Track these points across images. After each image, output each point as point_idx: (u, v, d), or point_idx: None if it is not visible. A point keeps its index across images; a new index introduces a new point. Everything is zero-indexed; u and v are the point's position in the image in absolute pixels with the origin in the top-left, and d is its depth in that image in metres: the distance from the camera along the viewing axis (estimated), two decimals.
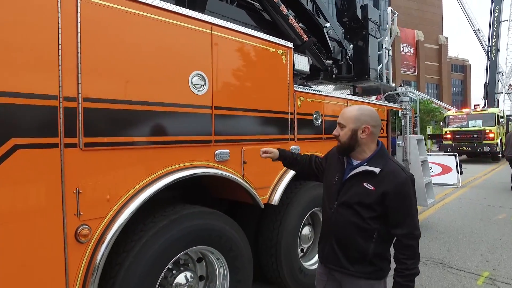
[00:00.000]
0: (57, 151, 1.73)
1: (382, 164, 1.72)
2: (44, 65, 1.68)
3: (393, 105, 5.22)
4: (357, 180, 1.74)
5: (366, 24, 4.64)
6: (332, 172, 1.89)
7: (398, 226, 1.67)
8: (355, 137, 1.75)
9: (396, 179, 1.67)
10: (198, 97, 2.37)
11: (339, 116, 1.84)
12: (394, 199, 1.65)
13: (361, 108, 1.82)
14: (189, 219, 2.30)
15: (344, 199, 1.76)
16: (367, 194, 1.69)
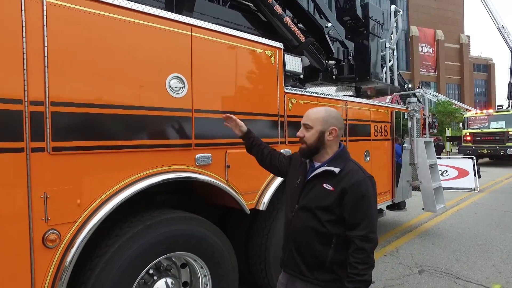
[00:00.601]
0: (23, 155, 1.72)
1: (342, 164, 1.70)
2: (7, 68, 1.68)
3: (397, 106, 5.03)
4: (318, 181, 1.72)
5: (367, 23, 4.50)
6: (295, 175, 1.87)
7: (354, 227, 1.61)
8: (322, 139, 1.73)
9: (354, 178, 1.64)
10: (176, 100, 2.32)
11: (304, 116, 1.80)
12: (351, 198, 1.61)
13: (327, 109, 1.80)
14: (166, 224, 2.25)
15: (304, 202, 1.74)
16: (326, 195, 1.66)
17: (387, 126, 4.71)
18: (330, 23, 4.76)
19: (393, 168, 4.85)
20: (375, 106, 4.48)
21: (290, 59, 3.42)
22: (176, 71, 2.33)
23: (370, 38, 4.50)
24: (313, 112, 1.79)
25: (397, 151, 5.00)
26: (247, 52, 2.83)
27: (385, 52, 5.13)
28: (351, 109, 4.00)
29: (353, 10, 4.42)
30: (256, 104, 2.91)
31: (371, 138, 4.36)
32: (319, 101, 3.55)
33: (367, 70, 4.55)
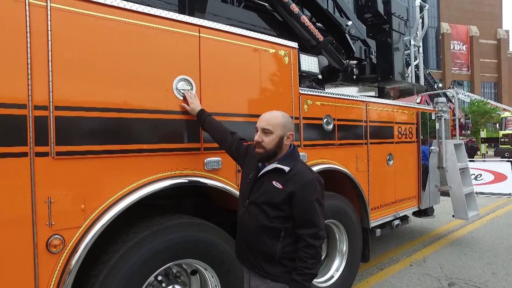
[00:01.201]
0: (27, 160, 1.72)
1: (292, 164, 1.76)
2: (12, 73, 1.68)
3: (424, 107, 4.75)
4: (267, 178, 1.78)
5: (389, 20, 4.28)
6: (248, 170, 1.93)
7: (303, 226, 1.69)
8: (281, 144, 1.78)
9: (303, 179, 1.70)
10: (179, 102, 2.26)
11: (262, 121, 1.82)
12: (300, 199, 1.68)
13: (284, 114, 1.85)
14: (173, 230, 2.19)
15: (254, 197, 1.80)
16: (275, 193, 1.72)
17: (412, 128, 4.45)
18: (350, 21, 4.58)
19: (419, 172, 4.57)
20: (399, 106, 4.24)
21: (305, 59, 3.29)
22: (183, 73, 2.27)
23: (393, 36, 4.27)
24: (273, 117, 1.82)
25: (425, 153, 4.72)
26: (259, 52, 2.74)
27: (410, 50, 4.85)
28: (372, 110, 3.81)
29: (375, 7, 4.22)
30: (269, 106, 2.79)
31: (395, 140, 4.12)
32: (337, 102, 3.40)
33: (390, 69, 4.32)
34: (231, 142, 2.17)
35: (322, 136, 3.25)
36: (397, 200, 4.17)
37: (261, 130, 1.79)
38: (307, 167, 1.83)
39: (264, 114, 1.86)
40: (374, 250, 4.86)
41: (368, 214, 3.65)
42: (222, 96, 2.49)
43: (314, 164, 3.14)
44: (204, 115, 2.23)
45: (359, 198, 3.61)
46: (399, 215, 4.20)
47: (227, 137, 2.19)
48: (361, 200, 3.61)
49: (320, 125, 3.24)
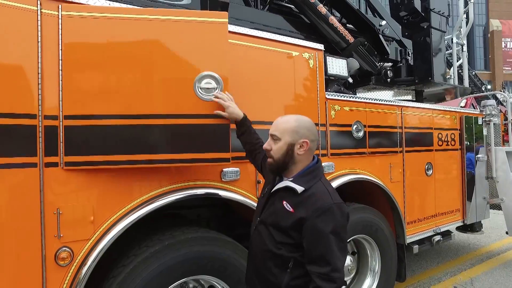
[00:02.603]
0: (36, 170, 1.70)
1: (308, 183, 1.46)
2: (24, 83, 1.67)
3: (468, 111, 4.31)
4: (279, 196, 1.51)
5: (428, 17, 3.94)
6: (266, 184, 1.72)
7: (313, 261, 1.36)
8: (291, 153, 1.50)
9: (317, 204, 1.38)
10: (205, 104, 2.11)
11: (272, 126, 1.57)
12: (310, 228, 1.36)
13: (299, 119, 1.56)
14: (187, 245, 2.08)
15: (264, 216, 1.55)
16: (285, 215, 1.44)
17: (455, 134, 4.04)
18: (384, 21, 4.29)
19: (464, 183, 4.13)
20: (439, 111, 3.86)
21: (333, 61, 3.09)
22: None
23: (432, 34, 3.92)
24: (282, 121, 1.55)
25: (471, 161, 4.26)
26: (281, 55, 2.59)
27: (453, 49, 4.45)
28: (408, 115, 3.49)
29: (411, 4, 3.90)
30: (292, 112, 2.62)
31: (434, 148, 3.75)
32: (368, 107, 3.14)
33: (429, 70, 3.96)
34: (260, 157, 1.92)
35: (351, 144, 3.01)
36: (437, 214, 3.78)
37: (270, 136, 1.56)
38: (330, 188, 1.50)
39: (277, 119, 1.60)
40: (412, 267, 4.46)
41: (403, 229, 3.33)
42: (244, 103, 2.35)
43: (343, 175, 2.91)
44: (248, 123, 1.99)
45: (394, 211, 3.30)
46: (440, 230, 3.80)
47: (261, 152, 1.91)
48: (396, 214, 3.30)
49: (349, 132, 3.00)
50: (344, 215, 1.42)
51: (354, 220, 2.94)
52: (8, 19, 1.64)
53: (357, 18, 4.13)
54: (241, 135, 2.03)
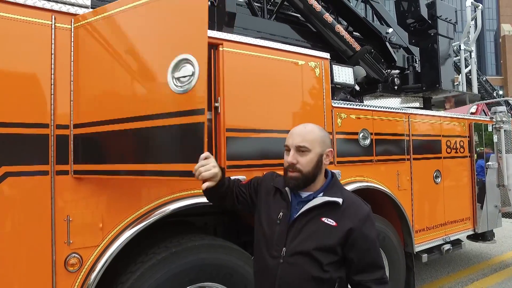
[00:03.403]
0: (47, 178, 1.75)
1: (341, 194, 1.42)
2: (37, 94, 1.73)
3: (478, 117, 4.27)
4: (313, 216, 1.37)
5: (434, 24, 3.94)
6: (272, 209, 1.47)
7: (366, 270, 1.34)
8: (320, 164, 1.42)
9: (360, 212, 1.38)
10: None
11: (296, 136, 1.42)
12: (359, 237, 1.33)
13: (320, 127, 1.49)
14: (194, 252, 2.10)
15: (296, 243, 1.36)
16: (329, 232, 1.34)
17: (464, 141, 4.00)
18: (391, 28, 4.30)
19: (474, 191, 4.07)
20: (447, 118, 3.83)
21: (339, 70, 3.11)
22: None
23: (439, 41, 3.92)
24: (308, 131, 1.44)
25: (482, 168, 4.20)
26: (287, 64, 2.62)
27: (461, 55, 4.43)
28: (415, 122, 3.48)
29: (417, 11, 3.92)
30: (298, 120, 2.65)
31: (443, 155, 3.72)
32: (374, 115, 3.14)
33: (436, 77, 3.95)
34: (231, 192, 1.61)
35: (358, 152, 3.01)
36: (447, 222, 3.73)
37: (296, 148, 1.40)
38: (356, 195, 1.49)
39: (296, 128, 1.48)
40: (422, 276, 4.39)
41: (412, 238, 3.29)
42: (248, 111, 2.40)
43: (349, 182, 2.91)
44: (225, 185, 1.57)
45: (401, 219, 3.27)
46: (450, 239, 3.75)
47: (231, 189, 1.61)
48: (404, 222, 3.27)
49: (356, 140, 3.01)
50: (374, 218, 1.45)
51: None
52: (26, 33, 1.71)
53: (364, 26, 4.15)
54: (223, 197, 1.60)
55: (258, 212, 1.55)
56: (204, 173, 1.40)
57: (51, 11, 1.79)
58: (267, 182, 1.59)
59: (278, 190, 1.50)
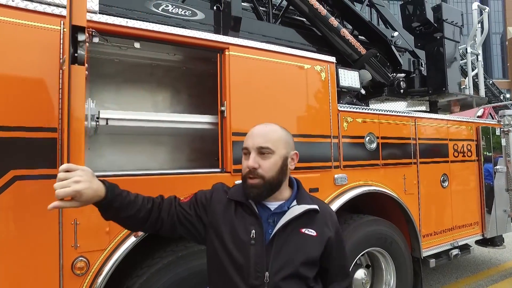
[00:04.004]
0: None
1: (311, 200, 1.30)
2: (45, 98, 1.75)
3: (485, 121, 4.23)
4: (293, 229, 1.21)
5: (440, 27, 3.93)
6: (238, 228, 1.22)
7: (337, 278, 1.30)
8: (285, 169, 1.25)
9: (334, 218, 1.33)
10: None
11: (256, 137, 1.25)
12: (335, 244, 1.28)
13: (281, 127, 1.32)
14: (199, 256, 2.09)
15: (282, 263, 1.17)
16: (312, 244, 1.22)
17: (471, 145, 3.96)
18: (396, 32, 4.29)
19: (482, 196, 4.02)
20: (454, 121, 3.80)
21: (345, 73, 3.11)
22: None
23: (445, 44, 3.90)
24: (270, 130, 1.27)
25: (490, 172, 4.15)
26: (293, 68, 2.62)
27: (467, 58, 4.40)
28: (422, 126, 3.45)
29: (423, 15, 3.91)
30: (305, 124, 2.65)
31: (450, 159, 3.68)
32: (381, 119, 3.13)
33: (443, 81, 3.93)
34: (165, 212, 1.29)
35: (364, 155, 3.00)
36: (454, 227, 3.69)
37: (257, 150, 1.21)
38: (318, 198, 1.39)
39: (256, 128, 1.29)
40: (429, 282, 4.33)
41: (419, 242, 3.26)
42: (254, 115, 2.40)
43: (355, 187, 2.89)
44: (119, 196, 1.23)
45: (408, 223, 3.24)
46: (458, 244, 3.69)
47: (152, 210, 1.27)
48: (411, 226, 3.24)
49: (362, 144, 2.99)
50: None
51: (367, 233, 2.90)
52: (36, 39, 1.74)
53: (369, 30, 4.13)
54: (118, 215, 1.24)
55: (215, 235, 1.25)
56: (59, 191, 1.08)
57: (60, 16, 1.82)
58: (220, 196, 1.32)
59: (239, 204, 1.26)
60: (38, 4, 1.78)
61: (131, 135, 2.66)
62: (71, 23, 1.44)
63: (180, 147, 2.86)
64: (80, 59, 1.49)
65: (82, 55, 1.50)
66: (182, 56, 2.71)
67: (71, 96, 1.42)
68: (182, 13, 2.97)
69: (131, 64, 2.74)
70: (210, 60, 2.46)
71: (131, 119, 2.20)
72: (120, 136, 2.61)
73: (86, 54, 1.55)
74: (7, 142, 1.65)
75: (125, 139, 2.65)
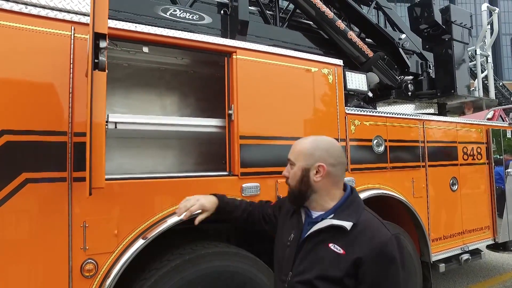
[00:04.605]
0: (65, 185, 1.78)
1: (355, 216, 1.22)
2: (55, 102, 1.78)
3: (495, 123, 4.17)
4: (322, 240, 1.23)
5: (449, 29, 3.89)
6: (286, 229, 1.39)
7: None
8: (306, 180, 1.29)
9: (375, 240, 1.16)
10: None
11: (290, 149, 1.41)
12: (372, 270, 1.13)
13: (317, 139, 1.36)
14: (207, 259, 2.10)
15: (301, 269, 1.25)
16: (336, 262, 1.17)
17: (481, 148, 3.91)
18: (404, 34, 4.27)
19: (493, 199, 3.96)
20: (463, 124, 3.76)
21: (352, 76, 3.10)
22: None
23: (453, 46, 3.86)
24: (298, 143, 1.38)
25: (501, 175, 4.09)
26: (299, 71, 2.62)
27: (476, 60, 4.35)
28: (430, 129, 3.42)
29: (431, 17, 3.88)
30: (312, 128, 2.64)
31: (459, 162, 3.64)
32: (388, 122, 3.11)
33: (451, 83, 3.89)
34: (259, 213, 1.71)
35: (372, 159, 2.98)
36: (465, 231, 3.63)
37: (287, 160, 1.39)
38: (378, 218, 1.28)
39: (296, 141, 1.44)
40: (439, 287, 4.27)
41: (428, 246, 3.21)
42: (261, 119, 2.41)
43: (363, 190, 2.87)
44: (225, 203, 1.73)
45: (417, 227, 3.20)
46: (469, 248, 3.64)
47: (253, 212, 1.72)
48: (419, 230, 3.20)
49: (370, 147, 2.97)
50: (402, 248, 1.21)
51: None
52: (47, 43, 1.78)
53: (376, 33, 4.12)
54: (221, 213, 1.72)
55: (277, 234, 1.51)
56: (191, 208, 1.59)
57: (71, 22, 1.85)
58: (286, 201, 1.51)
59: (293, 210, 1.43)
60: (50, 10, 1.82)
61: (140, 138, 2.69)
62: (94, 30, 1.47)
63: (187, 150, 2.87)
64: (101, 65, 1.52)
65: (103, 61, 1.53)
66: (190, 60, 2.74)
67: (93, 101, 1.45)
68: (189, 17, 3.00)
69: (140, 68, 2.78)
70: (217, 63, 2.47)
71: (139, 123, 2.22)
72: (128, 139, 2.64)
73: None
74: (19, 145, 1.69)
75: (134, 142, 2.68)
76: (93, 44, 1.47)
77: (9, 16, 1.70)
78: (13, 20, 1.71)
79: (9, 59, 1.69)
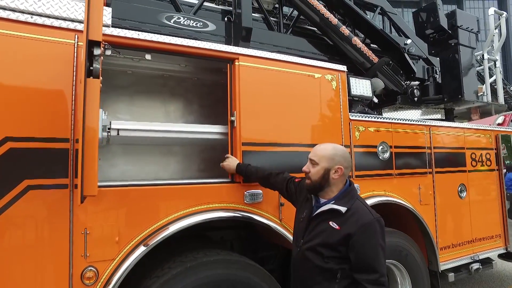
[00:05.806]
0: (66, 191, 1.79)
1: (349, 203, 1.69)
2: (56, 110, 1.79)
3: (505, 129, 4.09)
4: (324, 219, 1.71)
5: (455, 34, 3.85)
6: (302, 209, 1.88)
7: (362, 270, 1.59)
8: (327, 177, 1.74)
9: (361, 220, 1.62)
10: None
11: (312, 151, 1.82)
12: (357, 242, 1.59)
13: (336, 147, 1.81)
14: (208, 267, 2.08)
15: (308, 238, 1.73)
16: (332, 233, 1.65)
17: (490, 154, 3.83)
18: (409, 39, 4.23)
19: (504, 206, 3.86)
20: (471, 130, 3.69)
21: (356, 82, 3.08)
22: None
23: (460, 51, 3.82)
24: (321, 148, 1.81)
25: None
26: (303, 77, 2.61)
27: (484, 65, 4.29)
28: (437, 135, 3.37)
29: (437, 22, 3.84)
30: (316, 134, 2.62)
31: (467, 168, 3.56)
32: (394, 128, 3.07)
33: (458, 88, 3.83)
34: (281, 182, 2.15)
35: (377, 165, 2.94)
36: (474, 239, 3.54)
37: (309, 160, 1.81)
38: (366, 205, 1.74)
39: (316, 146, 1.86)
40: None
41: (436, 255, 3.14)
42: (264, 125, 2.39)
43: (369, 197, 2.83)
44: (244, 167, 2.20)
45: (424, 235, 3.14)
46: (479, 257, 3.54)
47: (276, 179, 2.17)
48: (427, 238, 3.13)
49: (375, 153, 2.93)
50: (383, 227, 1.66)
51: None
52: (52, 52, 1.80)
53: (381, 38, 4.10)
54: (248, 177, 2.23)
55: (297, 209, 1.98)
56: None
57: (75, 31, 1.88)
58: (302, 186, 1.93)
59: (307, 196, 1.86)
60: (55, 20, 1.85)
61: (143, 145, 2.70)
62: (88, 38, 1.49)
63: (190, 157, 2.87)
64: (95, 73, 1.53)
65: (97, 68, 1.54)
66: (193, 67, 2.75)
67: (86, 107, 1.45)
68: (193, 24, 3.02)
69: (144, 75, 2.80)
70: (220, 70, 2.48)
71: (142, 130, 2.23)
72: (131, 146, 2.65)
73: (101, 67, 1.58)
74: (21, 152, 1.70)
75: (137, 149, 2.69)
76: (87, 51, 1.47)
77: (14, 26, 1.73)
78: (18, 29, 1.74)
79: (13, 67, 1.72)
